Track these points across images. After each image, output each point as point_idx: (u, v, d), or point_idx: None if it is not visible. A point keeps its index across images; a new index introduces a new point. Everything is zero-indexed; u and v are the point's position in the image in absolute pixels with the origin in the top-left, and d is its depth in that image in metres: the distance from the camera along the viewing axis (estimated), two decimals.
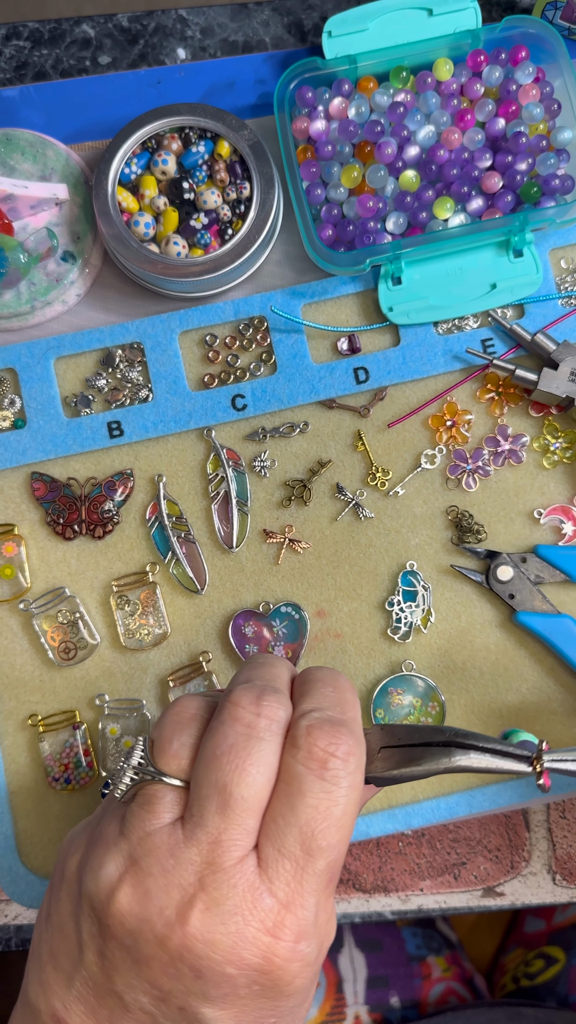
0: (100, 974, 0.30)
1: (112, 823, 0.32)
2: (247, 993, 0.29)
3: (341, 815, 0.30)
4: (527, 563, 0.49)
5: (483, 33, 0.51)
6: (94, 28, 0.56)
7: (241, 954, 0.29)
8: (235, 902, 0.29)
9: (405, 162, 0.51)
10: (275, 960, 0.29)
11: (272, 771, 0.30)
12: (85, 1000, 0.30)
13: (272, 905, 0.29)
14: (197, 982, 0.29)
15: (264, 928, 0.29)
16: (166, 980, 0.29)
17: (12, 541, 0.51)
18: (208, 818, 0.29)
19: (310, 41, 0.56)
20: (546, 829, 0.51)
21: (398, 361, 0.51)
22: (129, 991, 0.29)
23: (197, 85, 0.55)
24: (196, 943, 0.28)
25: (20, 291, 0.51)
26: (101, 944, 0.30)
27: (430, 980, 0.61)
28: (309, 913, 0.29)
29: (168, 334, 0.52)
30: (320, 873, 0.30)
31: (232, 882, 0.29)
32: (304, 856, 0.29)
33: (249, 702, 0.31)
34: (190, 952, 0.28)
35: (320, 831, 0.29)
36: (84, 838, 0.33)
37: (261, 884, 0.29)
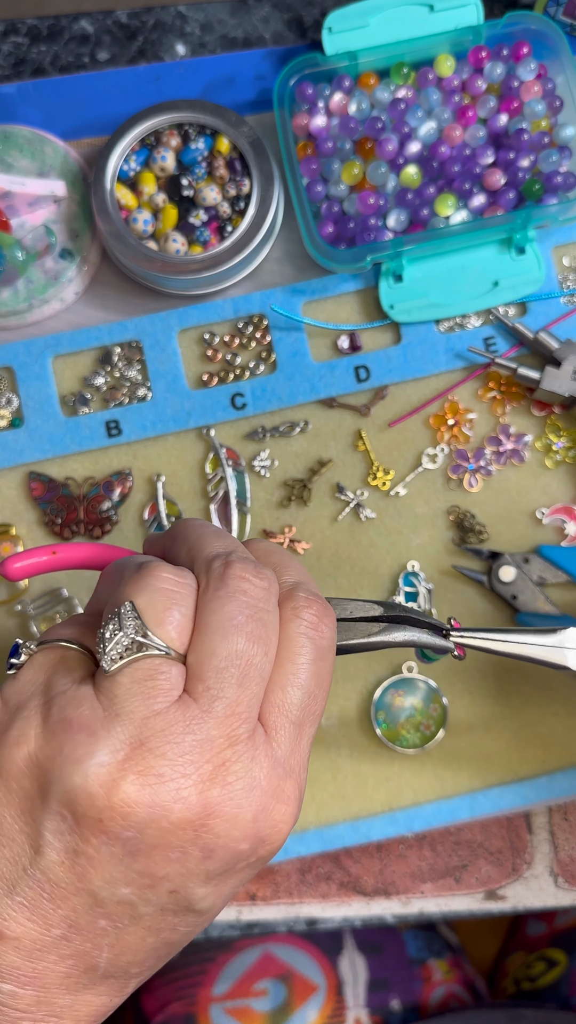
0: (66, 874, 0.27)
1: (83, 706, 0.28)
2: (244, 866, 0.29)
3: (330, 682, 0.31)
4: (530, 564, 0.49)
5: (485, 29, 0.51)
6: (93, 24, 0.56)
7: (258, 827, 0.28)
8: (255, 775, 0.28)
9: (406, 159, 0.50)
10: (281, 828, 0.29)
11: (276, 640, 0.30)
12: (34, 906, 0.28)
13: (282, 773, 0.29)
14: (204, 862, 0.28)
15: (278, 798, 0.29)
16: (165, 866, 0.28)
17: (9, 541, 0.50)
18: (228, 690, 0.28)
19: (310, 37, 0.55)
20: (548, 832, 0.50)
21: (399, 359, 0.51)
22: (109, 886, 0.28)
23: (196, 81, 0.54)
24: (218, 822, 0.27)
25: (17, 289, 0.51)
26: (75, 842, 0.27)
27: (431, 983, 0.60)
28: (303, 777, 0.30)
29: (167, 332, 0.51)
30: (312, 737, 0.31)
31: (251, 754, 0.28)
32: (303, 721, 0.30)
33: (252, 575, 0.30)
34: (209, 832, 0.27)
35: (319, 697, 0.30)
36: (24, 725, 0.29)
37: (273, 753, 0.29)
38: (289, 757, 0.30)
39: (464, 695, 0.49)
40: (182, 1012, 0.58)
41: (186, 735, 0.27)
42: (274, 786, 0.29)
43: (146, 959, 0.30)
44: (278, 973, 0.58)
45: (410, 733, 0.49)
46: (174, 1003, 0.59)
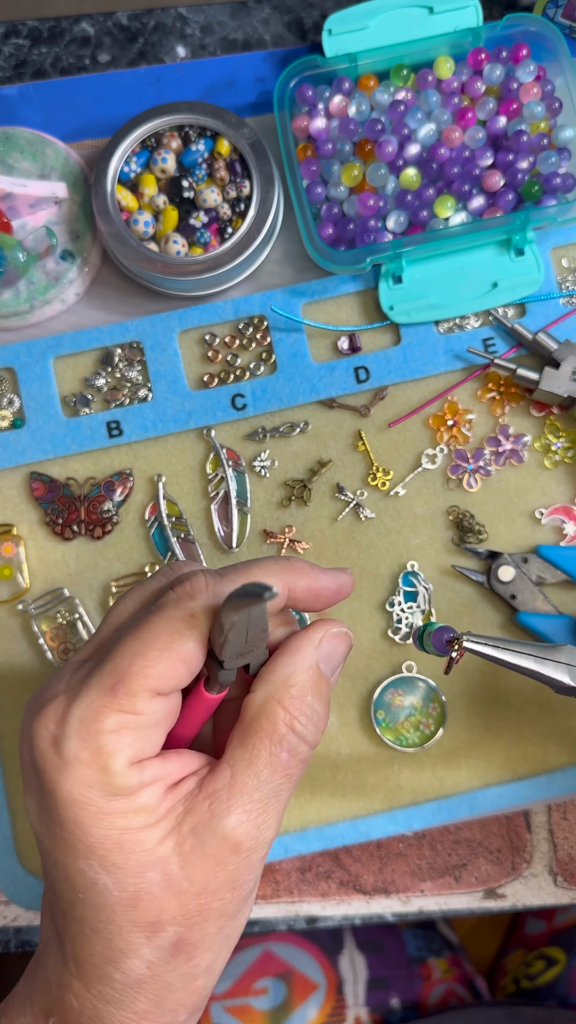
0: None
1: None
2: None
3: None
4: (529, 563, 0.49)
5: (484, 31, 0.51)
6: (93, 26, 0.56)
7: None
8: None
9: (406, 160, 0.50)
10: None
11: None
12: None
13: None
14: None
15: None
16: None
17: (11, 541, 0.50)
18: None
19: (310, 39, 0.55)
20: (547, 831, 0.50)
21: (399, 360, 0.51)
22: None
23: (197, 83, 0.55)
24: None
25: (19, 290, 0.51)
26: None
27: (431, 982, 0.61)
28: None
29: (167, 333, 0.51)
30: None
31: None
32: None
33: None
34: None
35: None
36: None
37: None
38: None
39: (464, 694, 0.49)
40: None
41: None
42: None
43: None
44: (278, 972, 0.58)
45: (410, 732, 0.49)
46: None
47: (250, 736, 0.30)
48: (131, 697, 0.29)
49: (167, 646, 0.29)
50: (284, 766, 0.30)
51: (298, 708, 0.31)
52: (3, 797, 0.49)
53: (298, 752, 0.31)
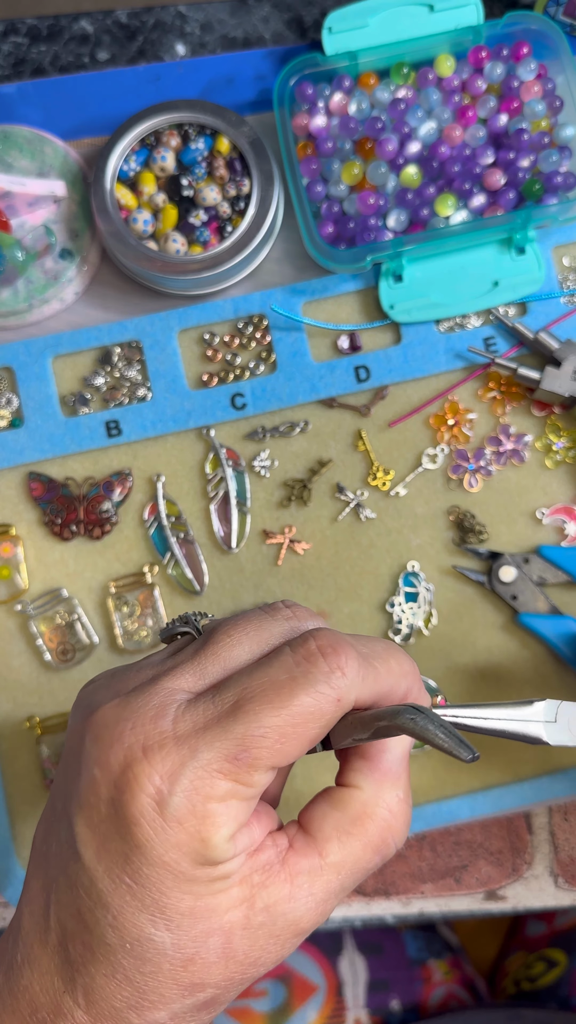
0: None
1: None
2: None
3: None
4: (530, 564, 0.49)
5: (485, 29, 0.51)
6: (92, 24, 0.56)
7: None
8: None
9: (406, 158, 0.50)
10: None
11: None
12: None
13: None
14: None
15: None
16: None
17: (9, 542, 0.50)
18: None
19: (310, 37, 0.55)
20: (548, 832, 0.50)
21: (399, 359, 0.51)
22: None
23: (196, 81, 0.54)
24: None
25: (17, 289, 0.51)
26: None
27: (431, 984, 0.60)
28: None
29: (167, 332, 0.51)
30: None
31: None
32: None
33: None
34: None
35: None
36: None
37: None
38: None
39: (464, 695, 0.49)
40: None
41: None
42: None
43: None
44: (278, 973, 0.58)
45: None
46: None
47: (351, 833, 0.29)
48: (251, 770, 0.27)
49: (305, 728, 0.27)
50: (371, 870, 0.30)
51: (402, 814, 0.30)
52: (2, 798, 0.49)
53: (387, 857, 0.30)
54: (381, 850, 0.29)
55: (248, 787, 0.27)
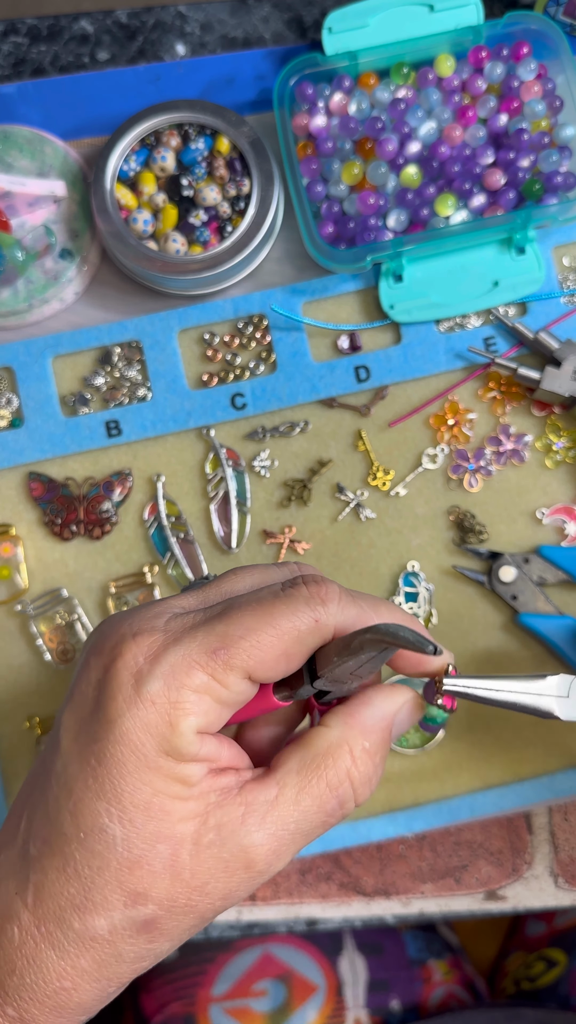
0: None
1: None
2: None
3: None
4: (530, 564, 0.49)
5: (485, 29, 0.51)
6: (92, 24, 0.56)
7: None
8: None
9: (406, 158, 0.50)
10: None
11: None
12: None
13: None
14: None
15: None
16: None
17: (9, 542, 0.50)
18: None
19: (310, 37, 0.55)
20: (548, 832, 0.50)
21: (399, 359, 0.51)
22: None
23: (196, 81, 0.54)
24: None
25: (17, 289, 0.51)
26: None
27: (431, 984, 0.60)
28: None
29: (167, 332, 0.51)
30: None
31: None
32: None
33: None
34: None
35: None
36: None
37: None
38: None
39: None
40: (181, 1012, 0.58)
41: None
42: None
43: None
44: (278, 973, 0.58)
45: (410, 733, 0.49)
46: (173, 1003, 0.59)
47: (310, 768, 0.30)
48: (227, 668, 0.28)
49: (283, 637, 0.28)
50: (327, 812, 0.30)
51: (365, 763, 0.30)
52: (2, 798, 0.49)
53: (345, 805, 0.30)
54: (338, 793, 0.30)
55: (223, 687, 0.28)
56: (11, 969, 0.28)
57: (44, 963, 0.28)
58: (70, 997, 0.28)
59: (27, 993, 0.28)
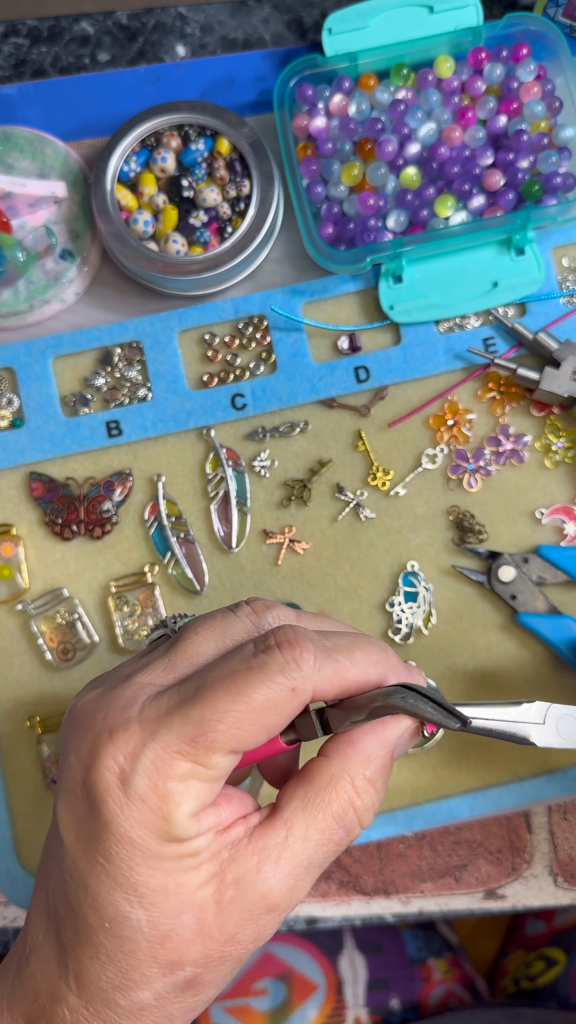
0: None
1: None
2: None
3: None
4: (529, 564, 0.49)
5: (484, 30, 0.51)
6: (93, 25, 0.56)
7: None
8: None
9: (406, 160, 0.50)
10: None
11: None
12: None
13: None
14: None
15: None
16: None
17: (10, 541, 0.50)
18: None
19: (310, 38, 0.55)
20: (548, 831, 0.50)
21: (399, 360, 0.51)
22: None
23: (197, 82, 0.55)
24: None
25: (18, 289, 0.51)
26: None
27: (431, 983, 0.60)
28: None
29: (167, 333, 0.51)
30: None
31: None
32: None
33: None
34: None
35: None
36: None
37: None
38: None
39: (463, 694, 0.49)
40: None
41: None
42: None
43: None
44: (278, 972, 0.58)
45: None
46: None
47: (315, 804, 0.30)
48: (208, 752, 0.28)
49: (261, 715, 0.28)
50: (336, 842, 0.30)
51: (367, 792, 0.31)
52: (3, 797, 0.49)
53: (351, 832, 0.31)
54: (344, 822, 0.30)
55: (208, 768, 0.28)
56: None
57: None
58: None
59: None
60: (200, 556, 0.50)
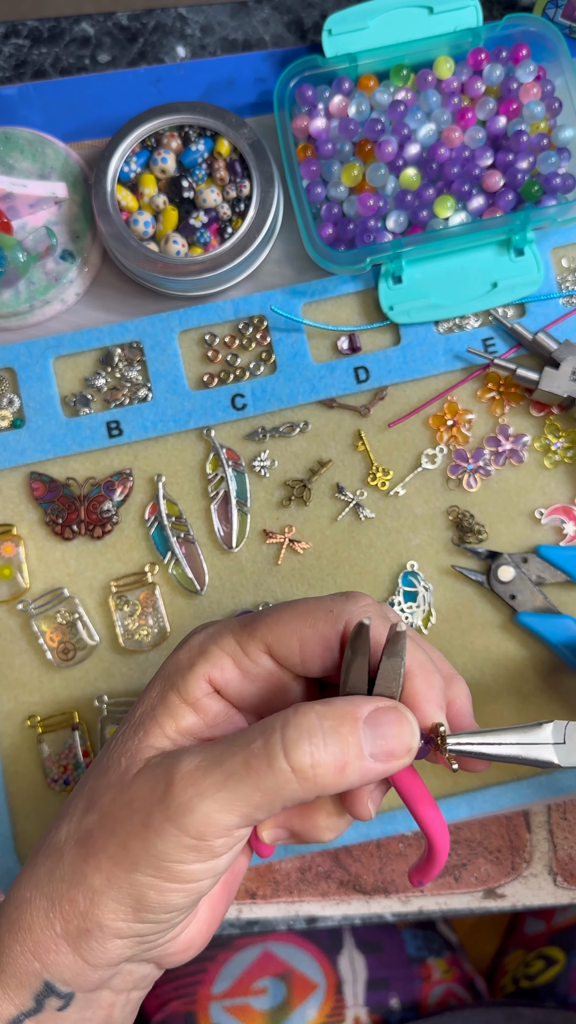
0: None
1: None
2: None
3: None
4: (528, 563, 0.49)
5: (484, 31, 0.51)
6: (93, 26, 0.56)
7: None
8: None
9: (406, 160, 0.50)
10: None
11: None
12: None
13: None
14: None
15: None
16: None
17: (11, 541, 0.50)
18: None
19: (310, 39, 0.56)
20: (547, 831, 0.50)
21: (399, 360, 0.51)
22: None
23: (197, 83, 0.55)
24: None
25: (19, 290, 0.51)
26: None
27: (430, 982, 0.61)
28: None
29: (167, 333, 0.52)
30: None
31: None
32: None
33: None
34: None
35: None
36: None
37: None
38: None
39: None
40: (182, 1010, 0.58)
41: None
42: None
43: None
44: (278, 971, 0.58)
45: None
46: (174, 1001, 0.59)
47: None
48: (251, 637, 0.33)
49: (298, 616, 0.33)
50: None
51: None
52: (3, 797, 0.49)
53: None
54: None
55: (246, 656, 0.34)
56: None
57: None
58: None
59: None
60: (200, 556, 0.50)
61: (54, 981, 0.31)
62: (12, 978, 0.31)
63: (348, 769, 0.29)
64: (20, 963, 0.31)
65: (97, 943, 0.31)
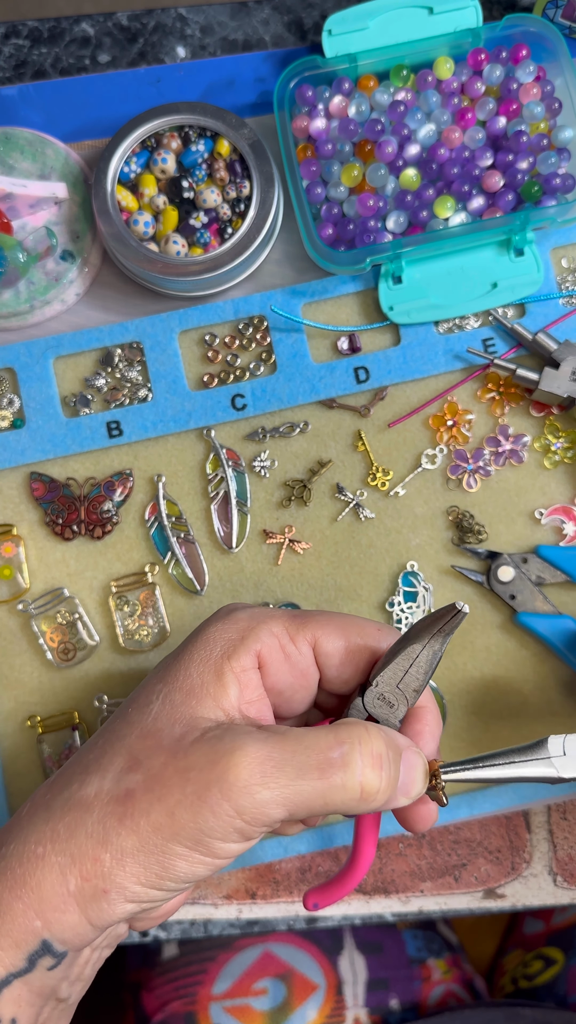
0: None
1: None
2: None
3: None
4: (528, 564, 0.49)
5: (484, 31, 0.51)
6: (93, 27, 0.56)
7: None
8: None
9: (406, 161, 0.50)
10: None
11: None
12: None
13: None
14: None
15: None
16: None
17: (11, 541, 0.50)
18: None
19: (310, 39, 0.56)
20: (547, 831, 0.50)
21: (398, 360, 0.51)
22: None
23: (197, 84, 0.55)
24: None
25: (19, 290, 0.51)
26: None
27: (430, 982, 0.61)
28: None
29: (167, 333, 0.52)
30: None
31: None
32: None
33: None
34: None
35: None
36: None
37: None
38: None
39: (463, 694, 0.49)
40: (182, 1011, 0.58)
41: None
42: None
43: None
44: (278, 972, 0.58)
45: None
46: (174, 1002, 0.59)
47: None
48: (299, 628, 0.35)
49: (346, 620, 0.36)
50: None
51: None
52: (3, 797, 0.49)
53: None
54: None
55: (291, 643, 0.35)
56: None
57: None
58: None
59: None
60: (200, 556, 0.50)
61: (52, 940, 0.30)
62: (6, 938, 0.30)
63: (390, 799, 0.32)
64: (20, 922, 0.30)
65: (108, 904, 0.30)
